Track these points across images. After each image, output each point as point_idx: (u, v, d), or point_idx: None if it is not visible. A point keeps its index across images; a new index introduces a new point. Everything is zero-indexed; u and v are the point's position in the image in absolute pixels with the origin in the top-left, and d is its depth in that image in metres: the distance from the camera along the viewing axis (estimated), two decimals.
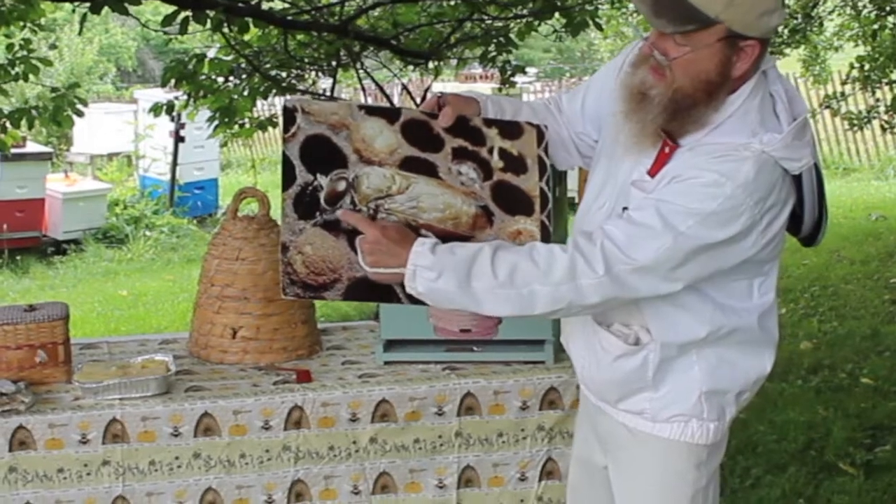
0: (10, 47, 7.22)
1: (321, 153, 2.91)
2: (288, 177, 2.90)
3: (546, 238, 2.95)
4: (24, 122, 7.04)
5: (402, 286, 2.86)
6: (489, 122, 3.01)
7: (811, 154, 2.84)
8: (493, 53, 8.20)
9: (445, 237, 2.90)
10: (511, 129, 3.01)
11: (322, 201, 2.89)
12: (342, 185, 2.90)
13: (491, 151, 2.98)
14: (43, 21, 7.74)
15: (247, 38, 7.68)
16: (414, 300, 2.90)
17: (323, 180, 2.90)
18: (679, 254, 2.76)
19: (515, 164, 2.98)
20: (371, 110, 3.00)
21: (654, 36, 2.79)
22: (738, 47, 2.74)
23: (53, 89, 7.35)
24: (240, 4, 6.91)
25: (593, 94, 3.20)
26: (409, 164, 2.94)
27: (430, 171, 2.95)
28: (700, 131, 2.81)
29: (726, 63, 2.75)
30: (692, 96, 2.77)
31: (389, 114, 2.99)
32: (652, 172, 2.85)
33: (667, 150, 2.83)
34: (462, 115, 2.98)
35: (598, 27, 8.50)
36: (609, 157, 3.01)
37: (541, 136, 3.01)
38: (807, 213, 2.90)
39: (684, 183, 2.75)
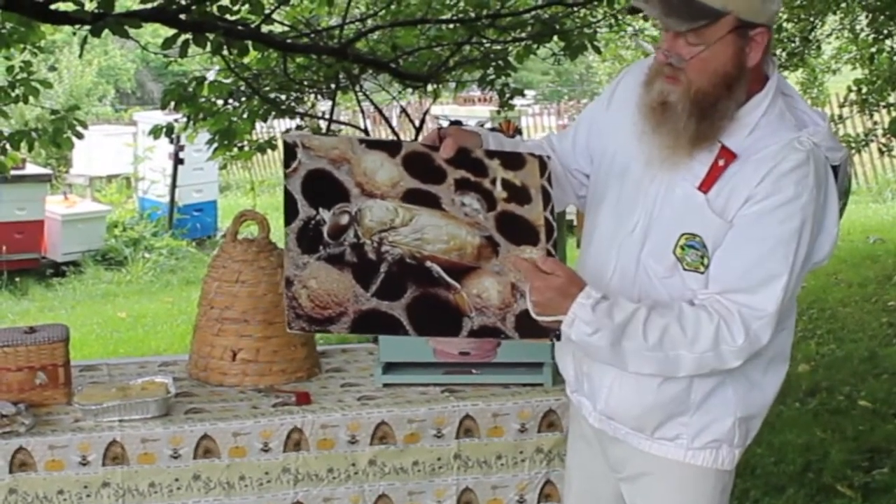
0: (10, 69, 7.23)
1: (323, 187, 2.91)
2: (290, 211, 2.89)
3: None
4: (23, 144, 7.05)
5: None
6: (491, 154, 3.02)
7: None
8: (492, 76, 8.23)
9: (451, 268, 2.91)
10: (513, 161, 3.02)
11: (325, 235, 2.89)
12: (345, 219, 2.90)
13: (494, 182, 2.98)
14: (42, 43, 7.75)
15: (246, 60, 7.70)
16: (422, 332, 2.92)
17: (326, 214, 2.89)
18: (793, 280, 2.85)
19: (519, 194, 2.98)
20: (371, 144, 3.00)
21: (667, 43, 2.83)
22: (748, 37, 2.81)
23: (53, 111, 7.35)
24: (239, 27, 6.93)
25: (584, 129, 3.24)
26: (411, 197, 2.94)
27: (433, 202, 2.95)
28: (740, 131, 2.86)
29: (740, 54, 2.81)
30: (712, 94, 2.81)
31: (390, 147, 2.99)
32: (704, 187, 2.87)
33: (721, 162, 2.85)
34: (463, 147, 2.98)
35: (597, 50, 8.53)
36: (626, 178, 3.02)
37: (543, 166, 3.01)
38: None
39: (764, 204, 2.81)
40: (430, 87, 8.57)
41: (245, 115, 7.78)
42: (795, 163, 2.80)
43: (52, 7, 6.49)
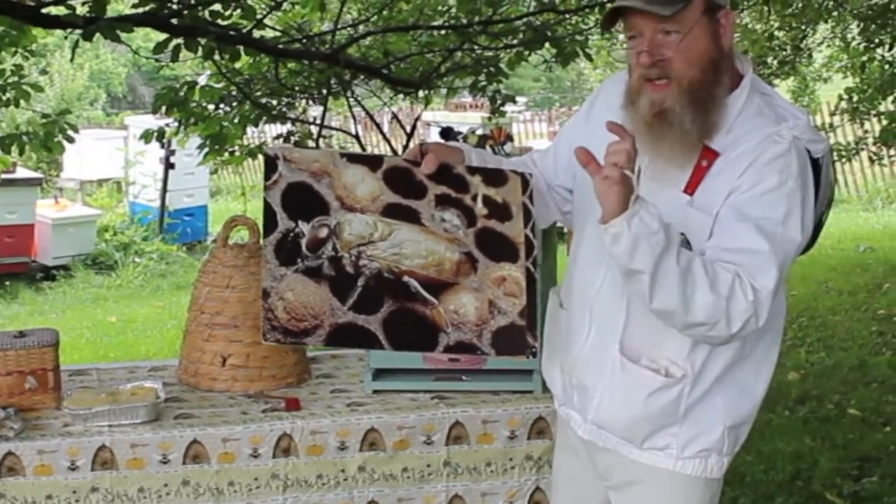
0: (1, 73, 7.21)
1: (303, 200, 2.92)
2: (269, 223, 2.90)
3: (532, 285, 2.95)
4: (14, 148, 7.03)
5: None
6: (473, 170, 3.01)
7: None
8: (484, 83, 8.22)
9: (428, 283, 2.92)
10: (495, 177, 3.01)
11: (304, 248, 2.90)
12: (324, 232, 2.91)
13: (475, 198, 2.98)
14: (34, 47, 7.74)
15: (238, 65, 7.69)
16: (397, 347, 2.92)
17: (305, 227, 2.90)
18: (786, 263, 2.81)
19: (500, 211, 2.98)
20: (353, 158, 3.00)
21: (647, 42, 2.82)
22: (716, 19, 2.85)
23: (44, 115, 7.33)
24: (231, 32, 6.92)
25: (564, 145, 3.23)
26: (391, 211, 2.95)
27: (412, 217, 2.95)
28: (723, 129, 2.86)
29: (715, 36, 2.85)
30: (703, 79, 2.83)
31: (371, 161, 2.99)
32: (690, 190, 2.87)
33: (704, 163, 2.85)
34: (445, 163, 2.98)
35: (588, 57, 8.53)
36: None
37: (525, 183, 3.01)
38: (818, 205, 2.96)
39: (750, 192, 2.80)
40: (421, 94, 8.57)
41: (236, 120, 7.77)
42: (776, 153, 2.81)
43: (44, 11, 6.47)
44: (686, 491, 3.06)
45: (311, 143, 8.28)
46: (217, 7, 6.79)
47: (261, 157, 8.31)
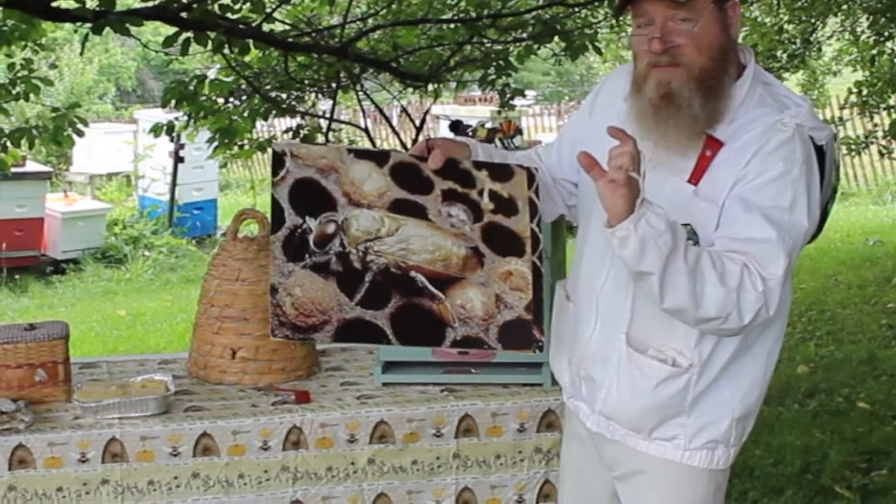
0: (11, 67, 7.22)
1: (310, 196, 2.92)
2: (277, 219, 2.90)
3: (538, 279, 2.95)
4: (24, 142, 7.04)
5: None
6: (479, 165, 3.02)
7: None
8: (493, 76, 8.21)
9: (435, 278, 2.92)
10: (501, 172, 3.02)
11: (311, 244, 2.90)
12: (331, 228, 2.91)
13: (481, 193, 2.98)
14: (43, 41, 7.75)
15: (247, 59, 7.68)
16: (405, 342, 2.93)
17: (312, 223, 2.90)
18: (795, 250, 2.81)
19: (506, 205, 2.99)
20: (360, 154, 3.00)
21: (658, 30, 2.83)
22: (724, 9, 2.87)
23: (54, 109, 7.33)
24: (241, 26, 6.92)
25: (568, 140, 3.26)
26: (398, 207, 2.95)
27: (419, 213, 2.95)
28: (726, 118, 2.87)
29: (724, 26, 2.88)
30: (713, 68, 2.85)
31: (378, 157, 2.99)
32: (694, 180, 2.87)
33: (708, 152, 2.86)
34: (452, 158, 2.98)
35: (598, 51, 8.52)
36: None
37: (531, 178, 3.01)
38: (823, 192, 2.96)
39: (756, 182, 2.80)
40: (430, 87, 8.56)
41: (246, 114, 7.77)
42: (780, 141, 2.82)
43: (54, 4, 6.48)
44: (692, 482, 3.07)
45: (320, 137, 8.28)
46: (226, 1, 6.80)
47: (270, 150, 8.35)
